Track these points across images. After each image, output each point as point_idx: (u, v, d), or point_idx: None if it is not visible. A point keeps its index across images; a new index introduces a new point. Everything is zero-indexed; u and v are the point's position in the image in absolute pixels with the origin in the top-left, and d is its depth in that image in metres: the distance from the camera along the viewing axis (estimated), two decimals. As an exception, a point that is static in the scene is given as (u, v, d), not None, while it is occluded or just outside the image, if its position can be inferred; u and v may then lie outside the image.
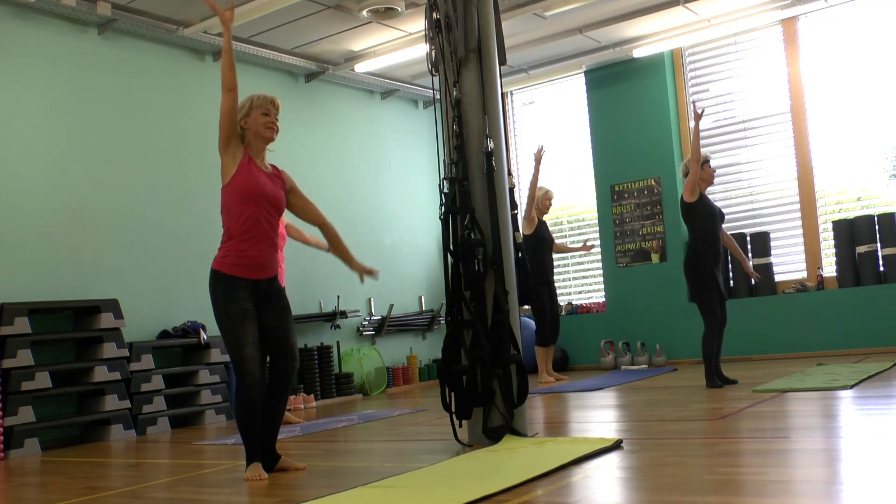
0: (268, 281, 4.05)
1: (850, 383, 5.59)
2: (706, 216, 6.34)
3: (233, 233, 3.99)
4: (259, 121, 4.07)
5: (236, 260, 3.96)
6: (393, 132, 9.98)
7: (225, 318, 3.94)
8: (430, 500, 3.19)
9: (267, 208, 4.02)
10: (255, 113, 4.08)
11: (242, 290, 3.95)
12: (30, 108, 6.71)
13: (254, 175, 4.01)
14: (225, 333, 3.95)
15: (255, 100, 4.11)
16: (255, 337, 3.93)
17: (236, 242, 3.98)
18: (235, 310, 3.92)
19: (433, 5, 4.71)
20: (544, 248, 8.16)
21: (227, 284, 3.95)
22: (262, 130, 4.07)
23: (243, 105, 4.11)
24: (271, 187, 4.06)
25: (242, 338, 3.90)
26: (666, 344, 9.24)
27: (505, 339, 4.40)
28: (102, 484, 4.42)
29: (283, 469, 4.11)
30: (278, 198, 4.09)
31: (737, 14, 8.48)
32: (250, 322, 3.93)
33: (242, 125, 4.09)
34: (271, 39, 8.15)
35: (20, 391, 6.03)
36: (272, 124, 4.09)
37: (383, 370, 9.14)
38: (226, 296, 3.94)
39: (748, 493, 2.86)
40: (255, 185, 3.99)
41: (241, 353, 3.89)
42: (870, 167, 8.73)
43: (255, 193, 3.98)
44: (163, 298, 7.31)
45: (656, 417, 5.06)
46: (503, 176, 4.65)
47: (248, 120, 4.08)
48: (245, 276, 3.96)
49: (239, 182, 3.98)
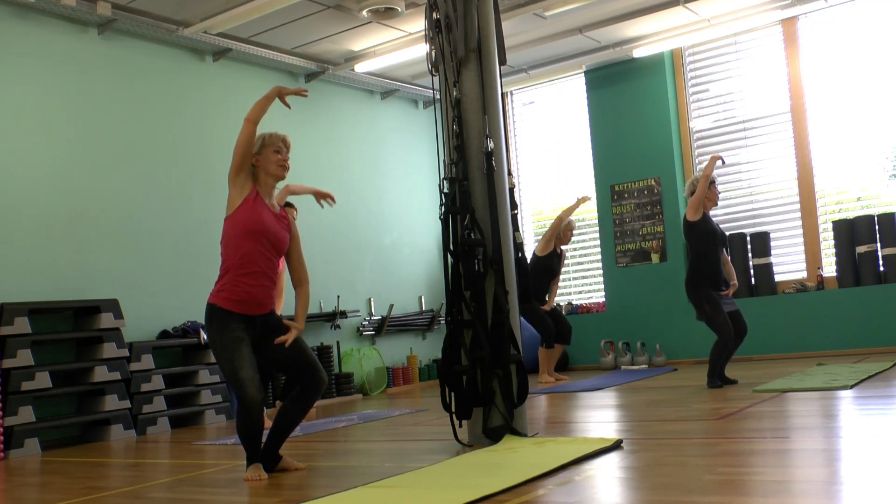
0: (263, 316, 4.04)
1: (850, 383, 5.59)
2: (706, 236, 6.34)
3: (230, 266, 3.98)
4: (271, 159, 4.05)
5: (231, 295, 3.95)
6: (393, 132, 9.98)
7: (219, 347, 3.93)
8: (430, 500, 3.19)
9: (266, 246, 4.00)
10: (266, 151, 4.06)
11: (237, 322, 3.94)
12: (30, 108, 6.71)
13: (258, 211, 3.98)
14: (221, 361, 3.95)
15: (268, 138, 4.08)
16: (251, 360, 3.90)
17: (232, 277, 3.96)
18: (229, 337, 3.90)
19: (433, 5, 4.71)
20: (545, 276, 8.14)
21: (221, 317, 3.94)
22: (273, 169, 4.06)
23: (255, 142, 4.07)
24: (275, 226, 4.04)
25: (238, 361, 3.87)
26: (666, 344, 9.24)
27: (505, 339, 4.40)
28: (102, 484, 4.42)
29: (283, 469, 4.11)
30: (280, 238, 4.06)
31: (737, 14, 8.48)
32: (245, 346, 3.91)
33: (253, 162, 4.06)
34: (271, 39, 8.15)
35: (20, 391, 6.03)
36: (283, 163, 4.08)
37: (383, 370, 9.14)
38: (220, 327, 3.93)
39: (748, 493, 2.86)
40: (257, 221, 3.97)
41: (237, 375, 3.86)
42: (870, 167, 8.73)
43: (257, 230, 3.96)
44: (163, 298, 7.31)
45: (656, 417, 5.07)
46: (503, 176, 4.65)
47: (260, 158, 4.06)
48: (239, 311, 3.95)
49: (241, 216, 3.97)
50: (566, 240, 8.31)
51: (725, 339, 6.29)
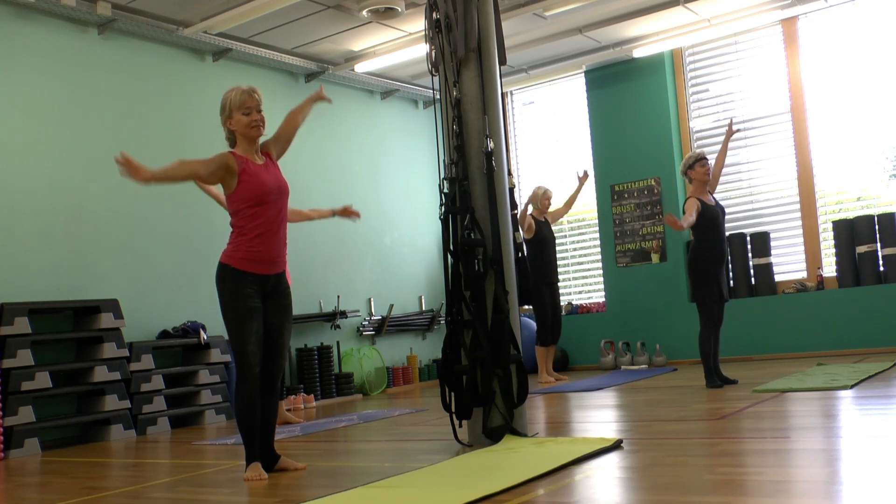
0: (276, 277, 4.06)
1: (850, 383, 5.59)
2: (709, 221, 6.34)
3: (243, 230, 3.99)
4: (242, 122, 4.02)
5: (246, 255, 3.97)
6: (393, 132, 9.98)
7: (231, 315, 3.96)
8: (430, 500, 3.19)
9: (275, 202, 4.03)
10: (236, 115, 4.02)
11: (250, 285, 3.96)
12: (30, 108, 6.71)
13: (255, 177, 3.99)
14: (229, 329, 3.98)
15: (234, 99, 4.02)
16: (258, 335, 3.96)
17: (247, 238, 3.98)
18: (242, 308, 3.93)
19: (433, 5, 4.71)
20: (547, 248, 8.14)
21: (235, 279, 3.95)
22: (246, 131, 4.03)
23: (223, 106, 4.05)
24: (273, 180, 4.06)
25: (246, 335, 3.92)
26: (666, 344, 9.24)
27: (505, 339, 4.40)
28: (102, 484, 4.42)
29: (282, 469, 4.12)
30: (281, 186, 4.09)
31: (737, 14, 8.48)
32: (255, 320, 3.95)
33: (228, 127, 4.06)
34: (271, 39, 8.15)
35: (20, 391, 6.02)
36: (255, 122, 4.02)
37: (383, 370, 9.14)
38: (233, 291, 3.95)
39: (748, 493, 2.86)
40: (259, 187, 3.98)
41: (243, 349, 3.92)
42: (870, 167, 8.73)
43: (263, 195, 3.98)
44: (163, 298, 7.31)
45: (656, 417, 5.06)
46: (503, 176, 4.65)
47: (232, 122, 4.04)
48: (254, 270, 3.97)
49: (243, 190, 3.97)
50: (545, 209, 8.27)
51: (708, 328, 6.30)
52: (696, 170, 6.42)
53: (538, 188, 8.31)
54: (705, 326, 6.32)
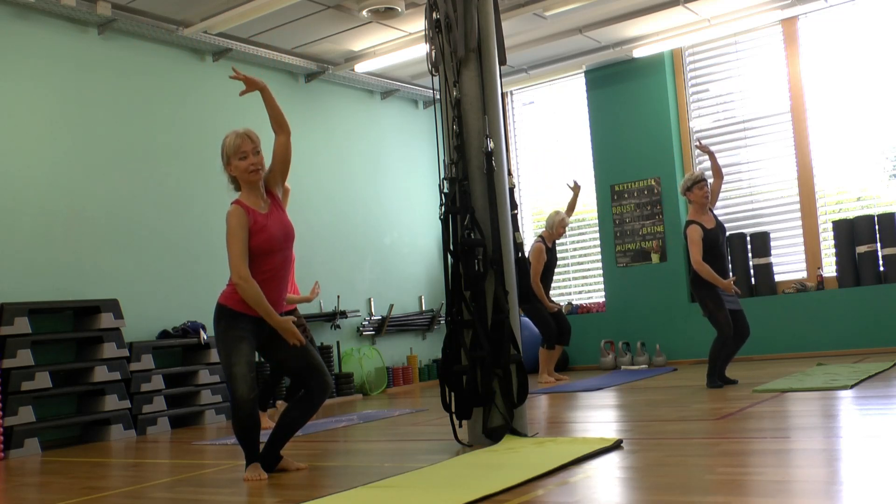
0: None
1: (850, 383, 5.59)
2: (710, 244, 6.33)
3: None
4: (240, 167, 3.99)
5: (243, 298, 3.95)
6: (393, 132, 9.98)
7: (221, 342, 3.95)
8: (430, 500, 3.19)
9: (283, 250, 4.03)
10: (234, 161, 3.99)
11: (245, 324, 3.94)
12: (30, 108, 6.71)
13: (264, 231, 3.95)
14: (220, 355, 3.97)
15: (228, 146, 3.98)
16: (248, 359, 3.90)
17: None
18: (233, 334, 3.92)
19: (433, 5, 4.70)
20: (548, 272, 8.13)
21: (230, 318, 3.95)
22: (246, 177, 4.01)
23: (222, 153, 4.02)
24: (280, 229, 4.02)
25: (235, 357, 3.88)
26: (666, 344, 9.24)
27: (505, 339, 4.40)
28: (102, 484, 4.42)
29: (283, 469, 4.11)
30: (289, 234, 4.07)
31: (737, 14, 8.48)
32: (245, 345, 3.91)
33: (229, 173, 4.05)
34: (271, 39, 8.15)
35: (20, 391, 6.03)
36: (254, 166, 3.98)
37: (383, 370, 9.14)
38: (227, 326, 3.94)
39: (748, 493, 2.86)
40: (267, 241, 3.95)
41: (232, 370, 3.88)
42: (870, 167, 8.73)
43: (270, 247, 3.96)
44: (163, 298, 7.31)
45: (656, 417, 5.06)
46: (503, 176, 4.65)
47: (231, 168, 4.02)
48: (251, 313, 3.95)
49: (252, 244, 3.92)
50: (559, 236, 8.21)
51: (725, 336, 6.29)
52: (695, 192, 6.42)
53: (556, 215, 8.18)
54: (721, 336, 6.29)
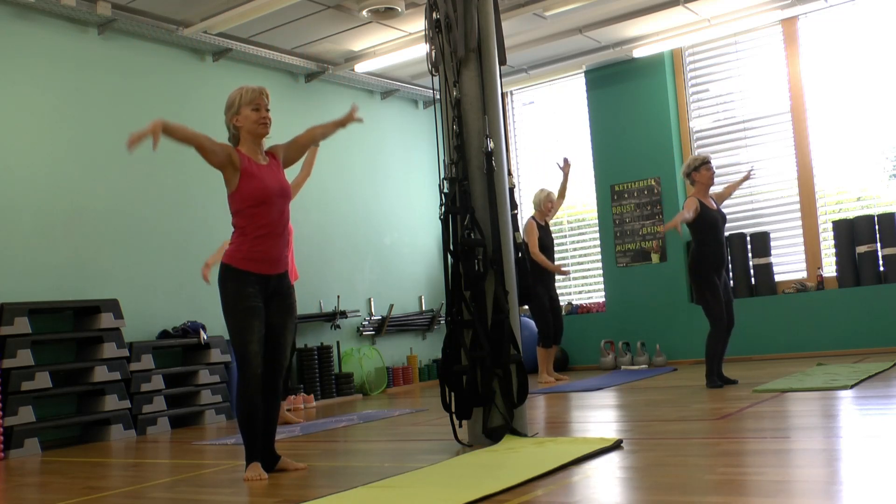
0: (277, 277, 4.06)
1: (850, 383, 5.59)
2: (710, 225, 6.34)
3: (245, 231, 3.98)
4: (250, 118, 4.01)
5: (248, 254, 3.96)
6: (393, 132, 9.98)
7: (232, 314, 3.95)
8: (430, 500, 3.19)
9: (277, 203, 4.02)
10: (245, 110, 4.01)
11: (252, 285, 3.95)
12: (30, 108, 6.71)
13: (257, 178, 3.98)
14: (231, 328, 3.97)
15: (244, 95, 4.02)
16: (260, 334, 3.95)
17: (248, 238, 3.97)
18: (243, 307, 3.92)
19: (433, 5, 4.71)
20: (546, 254, 8.14)
21: (237, 279, 3.95)
22: (254, 128, 4.02)
23: (232, 102, 4.04)
24: (276, 182, 4.05)
25: (248, 334, 3.91)
26: (666, 344, 9.24)
27: (505, 339, 4.40)
28: (102, 484, 4.42)
29: (282, 469, 4.12)
30: (284, 188, 4.08)
31: (737, 14, 8.48)
32: (257, 319, 3.94)
33: (234, 123, 4.04)
34: (271, 39, 8.15)
35: (20, 391, 6.02)
36: (264, 120, 4.03)
37: (383, 370, 9.14)
38: (235, 291, 3.94)
39: (748, 493, 2.86)
40: (261, 188, 3.97)
41: (245, 349, 3.91)
42: (870, 167, 8.73)
43: (264, 196, 3.97)
44: (163, 298, 7.31)
45: (656, 417, 5.06)
46: (503, 176, 4.65)
47: (239, 118, 4.02)
48: (256, 270, 3.97)
49: (245, 189, 3.96)
50: (546, 211, 8.26)
51: (718, 330, 6.29)
52: (702, 172, 6.41)
53: (540, 192, 8.28)
54: (715, 328, 6.31)
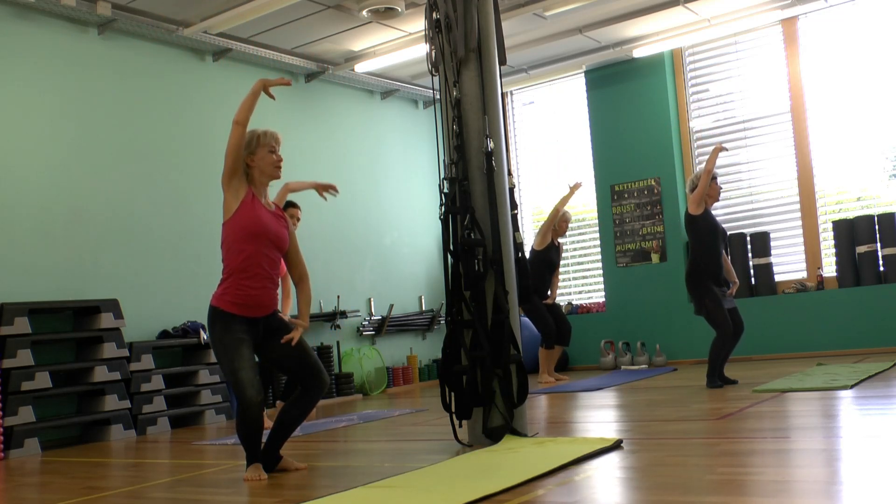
0: (265, 319, 4.04)
1: (850, 383, 5.59)
2: (708, 232, 6.34)
3: (232, 270, 3.97)
4: (266, 160, 4.03)
5: (234, 298, 3.94)
6: (393, 132, 9.98)
7: (221, 347, 3.94)
8: (430, 500, 3.19)
9: (268, 246, 3.99)
10: (261, 151, 4.02)
11: (240, 324, 3.94)
12: (30, 108, 6.71)
13: (256, 213, 3.97)
14: (222, 361, 3.96)
15: (262, 137, 4.03)
16: (251, 362, 3.91)
17: (235, 280, 3.95)
18: (230, 338, 3.91)
19: (433, 5, 4.71)
20: (545, 269, 8.15)
21: (224, 321, 3.94)
22: (269, 169, 4.04)
23: (249, 142, 4.03)
24: (274, 225, 4.03)
25: (238, 362, 3.87)
26: (666, 344, 9.24)
27: (505, 339, 4.40)
28: (102, 484, 4.42)
29: (283, 469, 4.11)
30: (280, 237, 4.05)
31: (737, 14, 8.49)
32: (246, 348, 3.91)
33: (248, 162, 4.03)
34: (271, 39, 8.15)
35: (20, 391, 6.02)
36: (279, 163, 4.06)
37: (383, 370, 9.14)
38: (223, 330, 3.93)
39: (748, 493, 2.86)
40: (256, 223, 3.95)
41: (237, 376, 3.87)
42: (870, 167, 8.73)
43: (257, 232, 3.95)
44: (163, 298, 7.31)
45: (656, 417, 5.06)
46: (503, 176, 4.65)
47: (255, 158, 4.02)
48: (242, 314, 3.95)
49: (240, 220, 3.95)
50: (562, 231, 8.29)
51: (724, 335, 6.29)
52: (711, 187, 6.42)
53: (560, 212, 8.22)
54: (720, 335, 6.30)
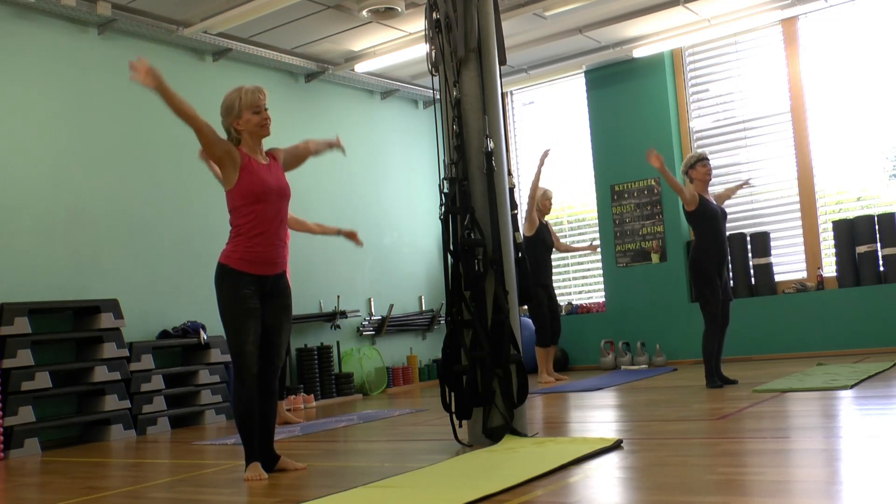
0: (275, 277, 4.05)
1: (850, 383, 5.59)
2: (710, 219, 6.35)
3: (241, 230, 3.98)
4: (252, 121, 4.03)
5: (244, 255, 3.96)
6: (393, 132, 9.98)
7: (228, 315, 3.94)
8: (430, 500, 3.19)
9: (275, 202, 4.01)
10: (246, 114, 4.03)
11: (248, 286, 3.95)
12: (30, 108, 6.71)
13: (256, 174, 3.99)
14: (227, 329, 3.97)
15: (244, 98, 4.04)
16: (256, 335, 3.94)
17: (245, 239, 3.97)
18: (239, 308, 3.92)
19: (433, 5, 4.71)
20: (543, 250, 8.16)
21: (233, 279, 3.94)
22: (256, 130, 4.05)
23: (231, 106, 4.06)
24: (274, 180, 4.05)
25: (244, 335, 3.91)
26: (666, 344, 9.24)
27: (505, 339, 4.40)
28: (102, 484, 4.42)
29: (282, 469, 4.11)
30: (283, 188, 4.07)
31: (737, 14, 8.48)
32: (253, 320, 3.93)
33: (235, 126, 4.05)
34: (271, 39, 8.15)
35: (20, 391, 6.02)
36: (266, 121, 4.06)
37: (383, 370, 9.14)
38: (231, 291, 3.94)
39: (748, 493, 2.86)
40: (259, 184, 3.97)
41: (241, 349, 3.91)
42: (870, 167, 8.73)
43: (262, 192, 3.97)
44: (163, 298, 7.31)
45: (656, 417, 5.06)
46: (503, 176, 4.65)
47: (241, 121, 4.04)
48: (252, 271, 3.96)
49: (243, 185, 3.96)
50: (546, 210, 8.31)
51: (712, 328, 6.31)
52: (698, 169, 6.45)
53: (538, 190, 8.31)
54: (709, 326, 6.32)
